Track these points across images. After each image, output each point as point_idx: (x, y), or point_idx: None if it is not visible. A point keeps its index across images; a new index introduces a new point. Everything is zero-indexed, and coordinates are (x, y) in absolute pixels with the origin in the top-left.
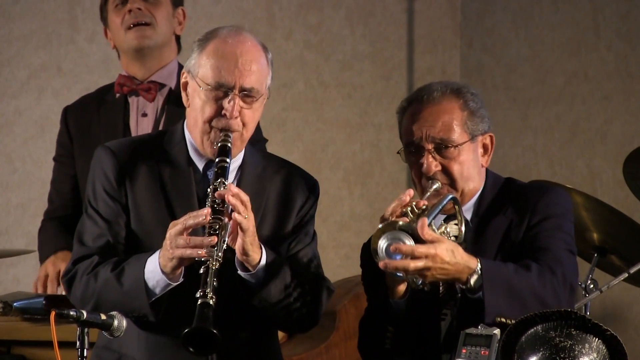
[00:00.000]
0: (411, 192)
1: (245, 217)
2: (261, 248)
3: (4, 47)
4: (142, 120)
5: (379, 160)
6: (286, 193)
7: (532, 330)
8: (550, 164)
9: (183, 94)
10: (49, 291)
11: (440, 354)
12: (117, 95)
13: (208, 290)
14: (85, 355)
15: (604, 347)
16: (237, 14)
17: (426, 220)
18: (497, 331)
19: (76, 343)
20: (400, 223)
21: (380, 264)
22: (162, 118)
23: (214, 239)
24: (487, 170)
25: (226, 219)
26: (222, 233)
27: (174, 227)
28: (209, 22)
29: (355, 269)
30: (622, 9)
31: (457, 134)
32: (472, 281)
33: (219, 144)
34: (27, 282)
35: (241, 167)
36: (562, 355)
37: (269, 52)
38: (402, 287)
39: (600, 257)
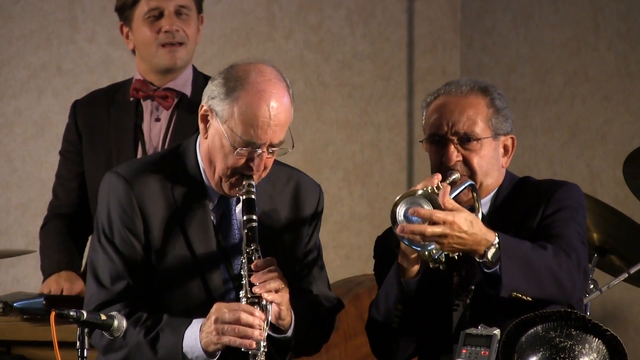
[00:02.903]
0: (439, 176)
1: (282, 287)
2: (291, 310)
3: (4, 47)
4: (155, 124)
5: (379, 160)
6: (297, 208)
7: (532, 330)
8: (550, 164)
9: (201, 125)
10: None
11: (451, 344)
12: (131, 99)
13: None
14: (85, 355)
15: (604, 347)
16: (237, 14)
17: (449, 188)
18: (497, 331)
19: (76, 343)
20: (421, 192)
21: (398, 229)
22: (172, 122)
23: (262, 333)
24: (505, 171)
25: (265, 299)
26: (265, 319)
27: (222, 314)
28: (209, 22)
29: (355, 269)
30: (622, 9)
31: (481, 129)
32: (489, 254)
33: (244, 197)
34: (27, 282)
35: None
36: (562, 356)
37: (290, 87)
38: (415, 268)
39: (600, 257)
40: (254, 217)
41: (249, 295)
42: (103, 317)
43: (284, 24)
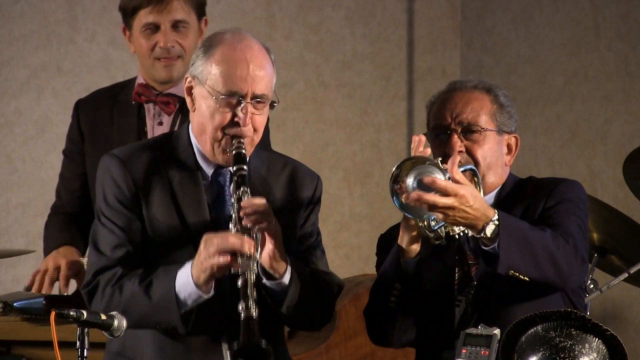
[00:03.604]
0: (422, 137)
1: (273, 220)
2: (285, 255)
3: (4, 47)
4: (158, 128)
5: (379, 160)
6: (292, 191)
7: (532, 330)
8: (550, 164)
9: (188, 99)
10: (45, 287)
11: (453, 340)
12: (133, 102)
13: (250, 303)
14: (85, 355)
15: (604, 347)
16: (237, 14)
17: (458, 158)
18: (497, 331)
19: (76, 343)
20: (429, 161)
21: (413, 194)
22: (175, 126)
23: (252, 249)
24: (509, 171)
25: (256, 228)
26: (255, 246)
27: (210, 239)
28: (209, 22)
29: (355, 269)
30: (622, 9)
31: (485, 121)
32: (488, 231)
33: (234, 152)
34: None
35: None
36: (562, 355)
37: (271, 53)
38: (414, 247)
39: (600, 257)
40: (244, 166)
41: (238, 227)
42: (103, 316)
43: (284, 24)
